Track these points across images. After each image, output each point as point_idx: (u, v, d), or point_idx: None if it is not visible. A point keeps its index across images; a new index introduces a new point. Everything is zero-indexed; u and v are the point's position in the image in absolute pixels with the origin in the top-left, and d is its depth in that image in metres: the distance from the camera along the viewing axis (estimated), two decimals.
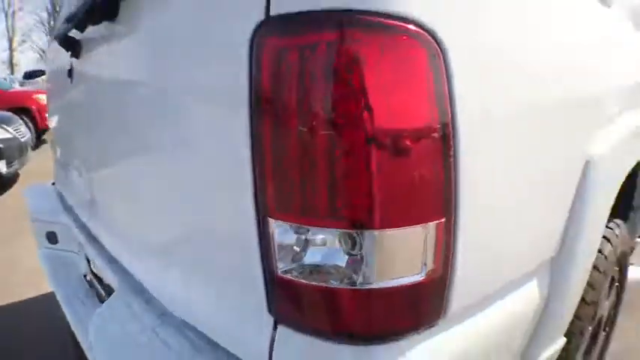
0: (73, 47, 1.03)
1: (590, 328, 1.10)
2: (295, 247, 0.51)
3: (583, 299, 0.99)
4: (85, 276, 1.41)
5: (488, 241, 0.59)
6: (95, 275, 1.33)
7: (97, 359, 0.78)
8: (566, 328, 0.91)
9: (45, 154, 6.72)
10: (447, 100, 0.48)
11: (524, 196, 0.66)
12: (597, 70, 0.86)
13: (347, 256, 0.48)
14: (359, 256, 0.48)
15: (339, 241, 0.49)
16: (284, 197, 0.50)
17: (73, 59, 1.07)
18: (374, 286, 0.48)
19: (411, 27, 0.45)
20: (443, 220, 0.49)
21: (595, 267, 1.04)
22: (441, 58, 0.47)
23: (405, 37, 0.45)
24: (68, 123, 1.31)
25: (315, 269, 0.51)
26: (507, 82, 0.58)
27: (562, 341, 0.91)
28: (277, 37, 0.48)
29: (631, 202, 1.47)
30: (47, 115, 1.78)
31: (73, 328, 1.16)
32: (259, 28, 0.48)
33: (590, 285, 1.02)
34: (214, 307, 0.66)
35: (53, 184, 1.79)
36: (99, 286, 1.29)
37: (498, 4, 0.57)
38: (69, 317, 1.20)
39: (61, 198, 1.66)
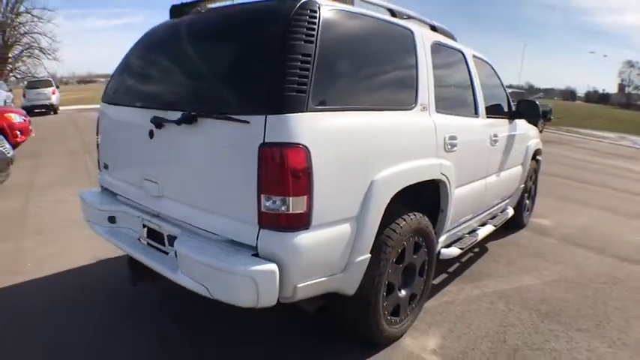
0: (159, 124, 2.26)
1: (391, 258, 2.41)
2: (267, 202, 1.83)
3: (385, 243, 2.35)
4: (138, 239, 2.58)
5: (325, 203, 1.94)
6: (149, 236, 2.52)
7: (190, 259, 2.00)
8: (369, 250, 2.24)
9: (19, 167, 7.36)
10: (310, 161, 1.84)
11: (342, 190, 2.02)
12: (381, 153, 2.25)
13: (283, 205, 1.81)
14: (286, 204, 1.82)
15: (280, 200, 1.82)
16: (266, 187, 1.83)
17: (156, 129, 2.29)
18: (291, 212, 1.83)
19: (301, 146, 1.82)
20: (307, 195, 1.85)
21: (394, 230, 2.40)
22: (310, 153, 1.83)
23: (299, 148, 1.82)
24: (145, 157, 2.46)
25: (273, 209, 1.83)
26: (333, 156, 1.95)
27: (368, 255, 2.24)
28: (267, 147, 1.83)
29: (439, 207, 2.92)
30: (103, 146, 2.91)
31: (149, 262, 2.32)
32: (261, 145, 1.83)
33: (389, 237, 2.37)
34: (238, 226, 1.96)
35: (103, 189, 2.92)
36: (152, 241, 2.48)
37: (332, 139, 1.95)
38: (140, 257, 2.37)
39: (113, 196, 2.81)
